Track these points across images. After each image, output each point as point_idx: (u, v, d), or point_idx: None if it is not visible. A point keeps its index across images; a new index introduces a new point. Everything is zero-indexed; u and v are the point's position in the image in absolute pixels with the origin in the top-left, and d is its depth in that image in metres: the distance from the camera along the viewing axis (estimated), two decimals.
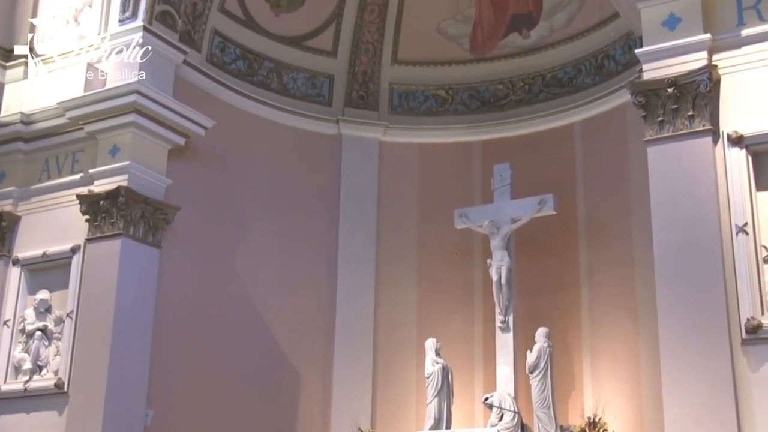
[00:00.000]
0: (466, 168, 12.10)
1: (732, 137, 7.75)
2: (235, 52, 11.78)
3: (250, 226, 11.44)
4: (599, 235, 11.06)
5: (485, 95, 12.40)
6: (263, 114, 11.81)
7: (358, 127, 12.26)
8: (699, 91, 7.85)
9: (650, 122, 8.12)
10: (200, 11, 11.25)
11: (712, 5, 8.00)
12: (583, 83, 11.74)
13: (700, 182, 7.82)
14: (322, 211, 11.97)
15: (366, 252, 11.92)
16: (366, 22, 12.47)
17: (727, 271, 7.59)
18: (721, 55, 7.91)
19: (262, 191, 11.59)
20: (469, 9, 12.46)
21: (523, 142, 11.86)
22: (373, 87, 12.50)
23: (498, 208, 11.11)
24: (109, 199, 9.98)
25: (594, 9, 11.58)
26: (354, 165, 12.15)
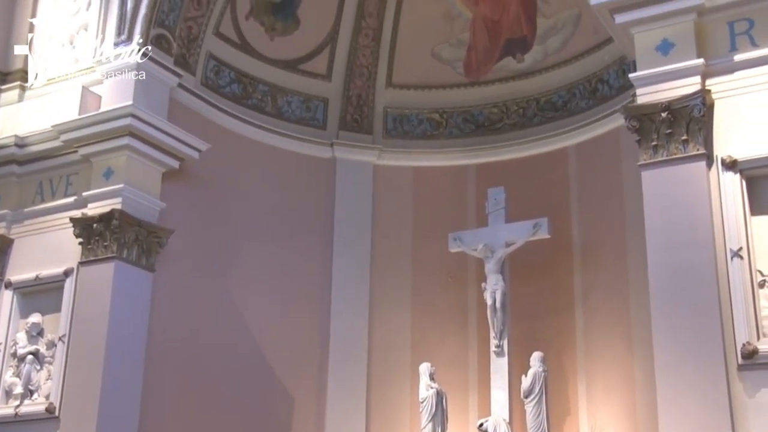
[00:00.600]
0: (460, 191, 12.10)
1: (726, 162, 7.75)
2: (229, 76, 11.79)
3: (244, 250, 11.40)
4: (594, 259, 11.05)
5: (479, 119, 12.42)
6: (258, 137, 11.81)
7: (352, 151, 12.26)
8: (693, 116, 7.86)
9: (644, 146, 8.13)
10: (195, 35, 11.27)
11: (705, 31, 8.03)
12: (578, 107, 11.77)
13: (694, 206, 7.81)
14: (316, 234, 11.95)
15: (360, 275, 11.89)
16: (360, 45, 12.52)
17: (722, 295, 7.57)
18: (715, 80, 7.93)
19: (256, 214, 11.57)
20: (464, 33, 12.52)
21: (518, 165, 11.87)
22: (368, 110, 12.52)
23: (492, 231, 11.10)
24: (103, 222, 9.95)
25: (588, 33, 11.63)
26: (348, 188, 12.15)
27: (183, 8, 10.95)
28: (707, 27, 8.04)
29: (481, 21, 12.46)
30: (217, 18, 11.51)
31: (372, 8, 12.46)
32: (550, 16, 12.09)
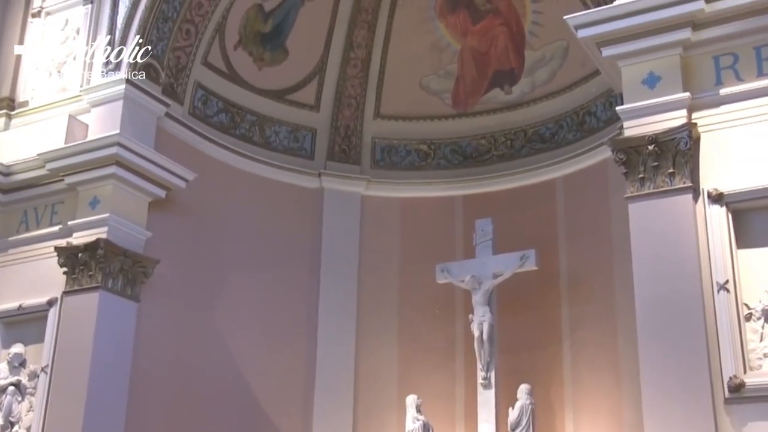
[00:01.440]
0: (448, 223, 12.09)
1: (712, 195, 7.76)
2: (217, 105, 11.80)
3: (231, 280, 11.35)
4: (581, 291, 11.03)
5: (467, 150, 12.45)
6: (245, 167, 11.79)
7: (340, 181, 12.26)
8: (679, 149, 7.87)
9: (631, 179, 8.13)
10: (183, 64, 11.28)
11: (691, 64, 8.07)
12: (565, 139, 11.80)
13: (681, 239, 7.80)
14: (303, 265, 11.91)
15: (347, 306, 11.84)
16: (349, 76, 12.55)
17: (709, 328, 7.54)
18: (701, 113, 7.95)
19: (243, 245, 11.52)
20: (452, 64, 12.57)
21: (505, 197, 11.87)
22: (356, 141, 12.53)
23: (480, 263, 11.09)
24: (88, 252, 9.90)
25: (575, 66, 11.69)
26: (336, 219, 12.13)
27: (171, 38, 10.98)
28: (693, 61, 8.08)
29: (470, 53, 12.53)
30: (206, 48, 11.53)
31: (360, 39, 12.51)
32: (538, 48, 12.16)
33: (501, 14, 12.32)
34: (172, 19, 10.90)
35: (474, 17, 12.47)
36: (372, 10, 12.45)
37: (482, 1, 12.38)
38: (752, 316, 7.49)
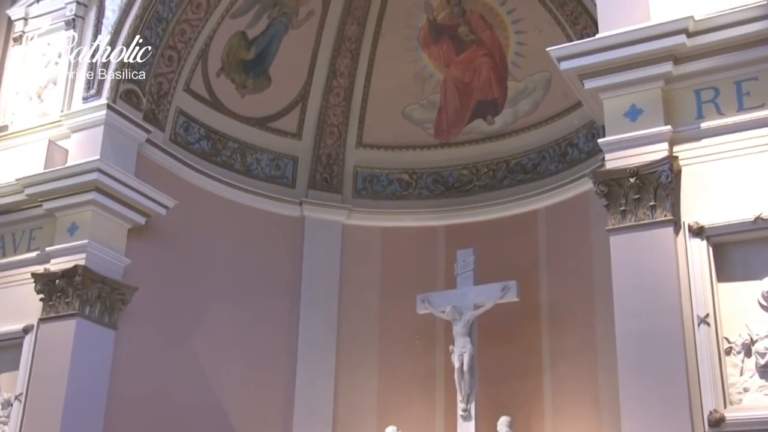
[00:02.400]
0: (429, 253, 12.06)
1: (693, 228, 7.75)
2: (199, 132, 11.76)
3: (210, 308, 11.26)
4: (562, 323, 11.00)
5: (449, 180, 12.45)
6: (226, 195, 11.74)
7: (321, 210, 12.22)
8: (660, 182, 7.87)
9: (612, 211, 8.11)
10: (165, 91, 11.25)
11: (672, 98, 8.09)
12: (547, 170, 11.83)
13: (662, 272, 7.78)
14: (283, 293, 11.83)
15: (327, 336, 11.76)
16: (331, 104, 12.56)
17: (690, 362, 7.50)
18: (682, 146, 7.95)
19: (223, 273, 11.44)
20: (435, 94, 12.60)
21: (487, 227, 11.86)
22: (338, 169, 12.51)
23: (461, 293, 11.06)
24: (66, 278, 9.79)
25: (558, 97, 11.74)
26: (317, 248, 12.07)
27: (154, 64, 10.95)
28: (674, 94, 8.09)
29: (453, 83, 12.57)
30: (188, 74, 11.51)
31: (343, 68, 12.53)
32: (520, 79, 12.21)
33: (484, 45, 12.38)
34: (155, 45, 10.88)
35: (457, 47, 12.52)
36: (355, 39, 12.49)
37: (466, 32, 12.44)
38: (732, 350, 7.45)
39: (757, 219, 7.47)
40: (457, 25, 12.44)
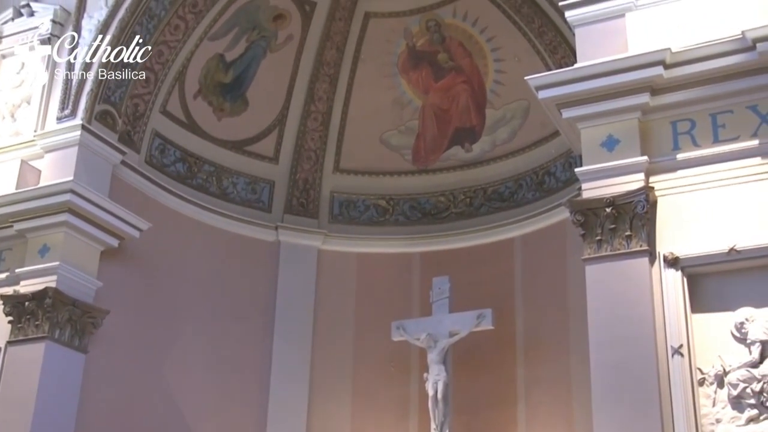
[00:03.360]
0: (405, 279, 12.02)
1: (668, 259, 7.75)
2: (175, 155, 11.69)
3: (182, 333, 11.14)
4: (537, 352, 10.97)
5: (426, 207, 12.44)
6: (201, 218, 11.66)
7: (297, 235, 12.15)
8: (636, 212, 7.88)
9: (588, 241, 8.11)
10: (141, 112, 11.18)
11: (649, 129, 8.11)
12: (524, 198, 11.84)
13: (636, 303, 7.78)
14: (257, 319, 11.73)
15: (300, 362, 11.66)
16: (309, 129, 12.53)
17: (663, 392, 7.49)
18: (658, 177, 7.98)
19: (196, 297, 11.34)
20: (413, 121, 12.60)
21: (463, 255, 11.84)
22: (314, 194, 12.46)
23: (436, 321, 11.01)
24: (35, 301, 9.65)
25: (536, 126, 11.77)
26: (292, 273, 12.00)
27: (130, 85, 10.88)
28: (651, 125, 8.12)
29: (431, 109, 12.58)
30: (165, 96, 11.46)
31: (322, 92, 12.51)
32: (499, 107, 12.25)
33: (463, 72, 12.42)
34: (132, 66, 10.80)
35: (436, 74, 12.55)
36: (334, 64, 12.48)
37: (445, 59, 12.48)
38: (705, 381, 7.45)
39: (731, 251, 7.50)
40: (437, 51, 12.48)
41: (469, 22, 12.18)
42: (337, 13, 12.28)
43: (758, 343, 7.31)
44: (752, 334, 7.35)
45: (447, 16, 12.23)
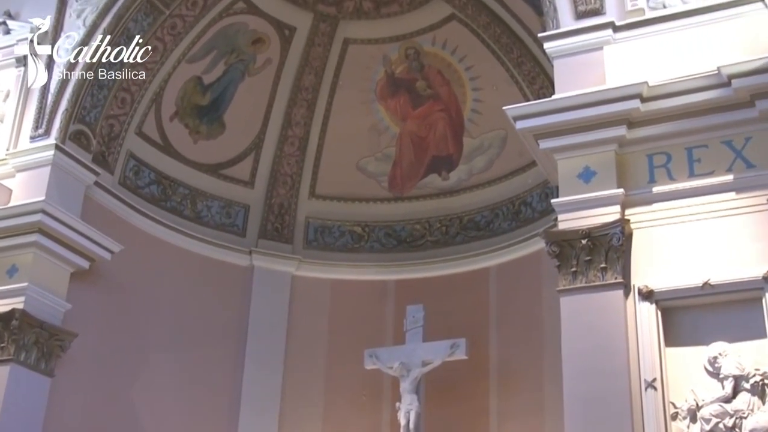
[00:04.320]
0: (379, 307, 11.98)
1: (643, 292, 7.75)
2: (149, 176, 11.60)
3: (152, 358, 11.01)
4: (510, 383, 10.93)
5: (402, 234, 12.41)
6: (174, 241, 11.57)
7: (271, 260, 12.08)
8: (612, 244, 7.88)
9: (564, 272, 8.09)
10: (117, 133, 11.10)
11: (625, 161, 8.14)
12: (500, 228, 11.84)
13: (611, 335, 7.75)
14: (228, 344, 11.62)
15: (271, 388, 11.56)
16: (286, 154, 12.48)
17: (636, 426, 7.46)
18: (634, 210, 7.99)
19: (167, 321, 11.21)
20: (390, 148, 12.60)
21: (438, 283, 11.81)
22: (289, 219, 12.40)
23: (409, 350, 10.97)
24: (2, 322, 9.51)
25: (513, 156, 11.78)
26: (264, 298, 11.91)
27: (106, 105, 10.82)
28: (628, 158, 8.14)
29: (408, 137, 12.58)
30: (141, 117, 11.39)
31: (299, 117, 12.49)
32: (476, 136, 12.27)
33: (441, 100, 12.44)
34: (108, 87, 10.75)
35: (414, 102, 12.57)
36: (312, 89, 12.47)
37: (423, 86, 12.50)
38: (678, 416, 7.44)
39: (705, 285, 7.52)
40: (415, 79, 12.49)
41: (448, 50, 12.21)
42: (316, 39, 12.27)
43: (731, 378, 7.30)
44: (725, 368, 7.34)
45: (426, 44, 12.26)
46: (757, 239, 7.49)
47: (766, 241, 7.44)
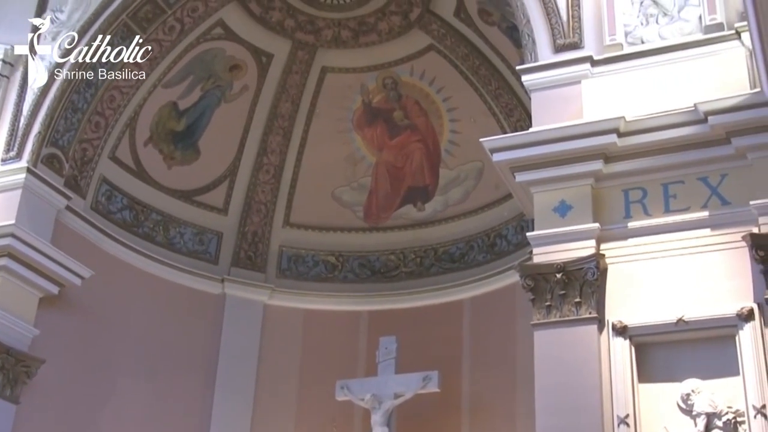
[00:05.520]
0: (351, 338, 11.90)
1: (617, 327, 7.72)
2: (122, 202, 11.50)
3: (121, 386, 10.86)
4: (483, 417, 10.90)
5: (376, 265, 12.35)
6: (145, 267, 11.45)
7: (243, 288, 11.98)
8: (586, 279, 7.85)
9: (538, 306, 8.05)
10: (90, 157, 11.00)
11: (601, 196, 8.13)
12: (475, 260, 11.81)
13: (584, 370, 7.71)
14: (198, 373, 11.49)
15: (241, 419, 11.44)
16: (260, 181, 12.41)
17: None
18: (609, 245, 7.97)
19: (136, 349, 11.07)
20: (366, 177, 12.57)
21: (412, 315, 11.77)
22: (263, 248, 12.31)
23: (381, 381, 10.90)
24: None
25: (489, 188, 11.78)
26: (236, 327, 11.80)
27: (79, 129, 10.72)
28: (604, 192, 8.13)
29: (384, 167, 12.57)
30: (115, 142, 11.31)
31: (275, 145, 12.43)
32: (453, 167, 12.27)
33: (418, 131, 12.44)
34: (82, 111, 10.66)
35: (391, 132, 12.56)
36: (289, 117, 12.43)
37: (400, 116, 12.50)
38: None
39: (679, 321, 7.49)
40: (393, 109, 12.49)
41: (426, 81, 12.22)
42: (294, 66, 12.25)
43: (704, 415, 7.26)
44: (698, 406, 7.30)
45: (404, 74, 12.27)
46: (731, 276, 7.47)
47: (740, 279, 7.42)
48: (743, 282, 7.40)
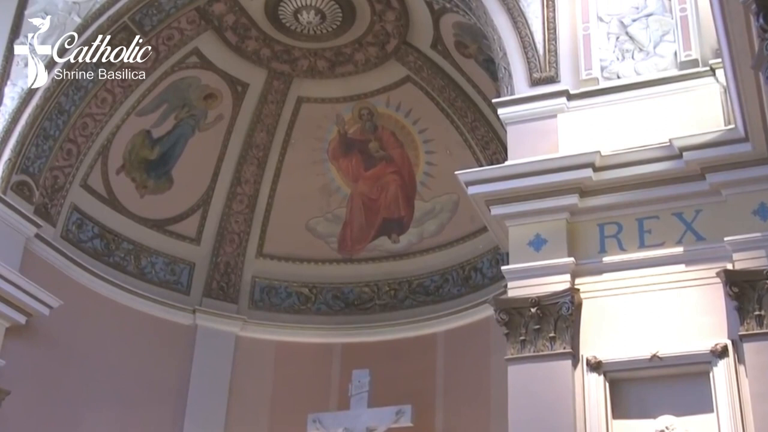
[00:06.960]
0: (324, 371, 11.80)
1: (591, 362, 7.67)
2: (92, 230, 11.36)
3: (89, 418, 10.69)
4: None
5: (350, 297, 12.27)
6: (116, 297, 11.31)
7: (215, 319, 11.87)
8: (561, 314, 7.80)
9: (512, 340, 7.99)
10: (61, 185, 10.86)
11: (576, 230, 8.10)
12: (449, 293, 11.77)
13: (558, 406, 7.65)
14: (168, 405, 11.34)
15: None
16: (234, 211, 12.33)
17: None
18: (584, 279, 7.93)
19: (105, 380, 10.90)
20: (340, 208, 12.51)
21: (385, 348, 11.69)
22: (235, 278, 12.20)
23: (354, 415, 10.83)
24: None
25: (465, 220, 11.76)
26: (207, 359, 11.66)
27: (51, 156, 10.59)
28: (579, 227, 8.11)
29: (359, 198, 12.53)
30: (86, 170, 11.19)
31: (249, 175, 12.36)
32: (428, 199, 12.24)
33: (394, 162, 12.42)
34: (54, 138, 10.54)
35: (367, 163, 12.53)
36: (264, 147, 12.37)
37: (376, 147, 12.48)
38: None
39: (654, 357, 7.45)
40: (368, 140, 12.48)
41: (402, 112, 12.22)
42: (269, 96, 12.21)
43: None
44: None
45: (380, 105, 12.26)
46: (705, 312, 7.45)
47: (714, 315, 7.40)
48: (717, 318, 7.38)
